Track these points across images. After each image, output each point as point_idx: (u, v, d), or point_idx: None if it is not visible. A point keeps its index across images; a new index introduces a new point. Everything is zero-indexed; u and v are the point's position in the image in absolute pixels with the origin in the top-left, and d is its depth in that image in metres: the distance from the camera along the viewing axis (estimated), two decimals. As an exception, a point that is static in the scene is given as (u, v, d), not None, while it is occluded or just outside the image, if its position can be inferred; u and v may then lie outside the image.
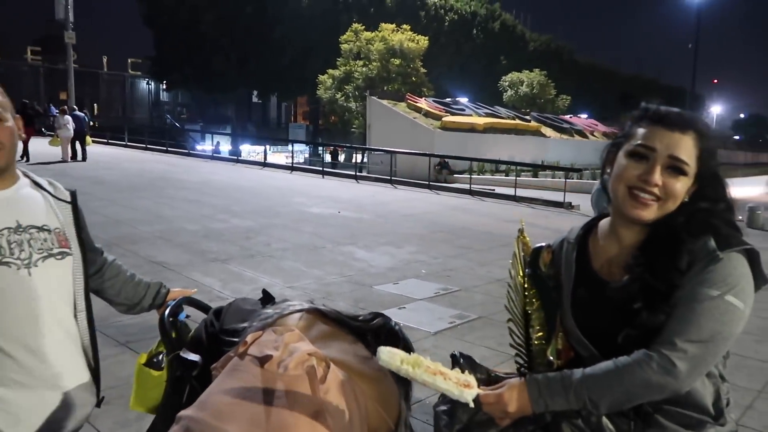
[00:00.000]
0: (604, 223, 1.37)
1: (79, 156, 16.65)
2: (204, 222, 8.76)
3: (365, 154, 22.21)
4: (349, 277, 6.17)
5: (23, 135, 1.58)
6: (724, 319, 1.15)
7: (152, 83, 49.60)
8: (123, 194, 11.08)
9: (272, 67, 34.29)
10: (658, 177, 1.22)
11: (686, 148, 1.22)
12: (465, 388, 1.19)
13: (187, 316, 1.78)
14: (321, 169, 19.16)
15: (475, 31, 42.95)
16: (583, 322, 1.32)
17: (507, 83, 34.62)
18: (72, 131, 16.55)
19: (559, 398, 1.17)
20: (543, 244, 1.48)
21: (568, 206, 12.86)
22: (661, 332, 1.16)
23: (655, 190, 1.22)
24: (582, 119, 33.30)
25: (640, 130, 1.25)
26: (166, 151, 22.89)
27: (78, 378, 1.56)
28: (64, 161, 16.11)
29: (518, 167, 17.39)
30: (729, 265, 1.17)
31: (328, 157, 27.29)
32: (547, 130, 27.51)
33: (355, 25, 29.52)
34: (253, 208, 10.37)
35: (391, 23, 29.32)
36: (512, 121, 25.86)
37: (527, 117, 28.02)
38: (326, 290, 5.67)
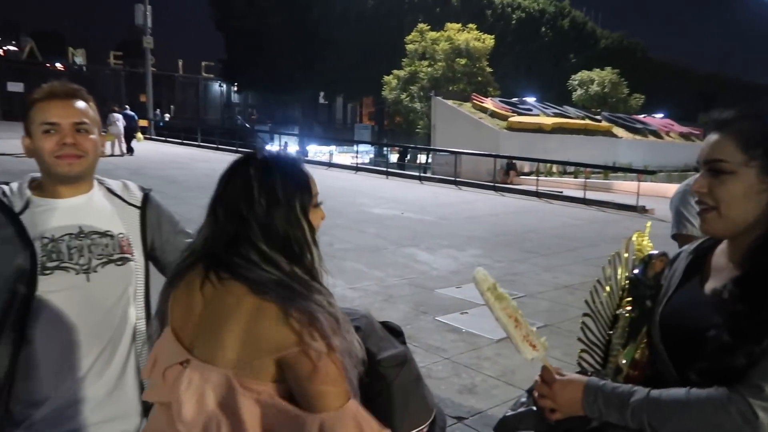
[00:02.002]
0: None
1: (128, 151, 18.75)
2: (269, 221, 8.94)
3: (429, 155, 22.10)
4: (411, 280, 6.11)
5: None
6: None
7: (224, 85, 51.33)
8: (193, 193, 11.47)
9: (338, 68, 34.72)
10: (698, 184, 1.11)
11: (723, 145, 1.10)
12: (530, 346, 1.19)
13: None
14: (385, 169, 19.20)
15: (543, 29, 41.90)
16: (668, 337, 1.20)
17: (576, 82, 33.59)
18: (122, 128, 18.47)
19: (614, 411, 1.10)
20: (658, 252, 1.38)
21: (642, 210, 12.29)
22: (749, 374, 1.01)
23: (704, 198, 1.12)
24: (657, 119, 31.85)
25: None
26: (236, 152, 23.58)
27: (129, 384, 1.57)
28: (112, 155, 17.44)
29: (588, 169, 16.81)
30: None
31: (392, 158, 27.38)
32: (618, 131, 26.49)
33: (420, 25, 29.43)
34: (317, 208, 10.51)
35: (457, 23, 29.04)
36: (582, 121, 25.05)
37: (598, 117, 27.07)
38: (387, 292, 5.63)
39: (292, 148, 26.86)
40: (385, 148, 29.79)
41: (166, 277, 1.62)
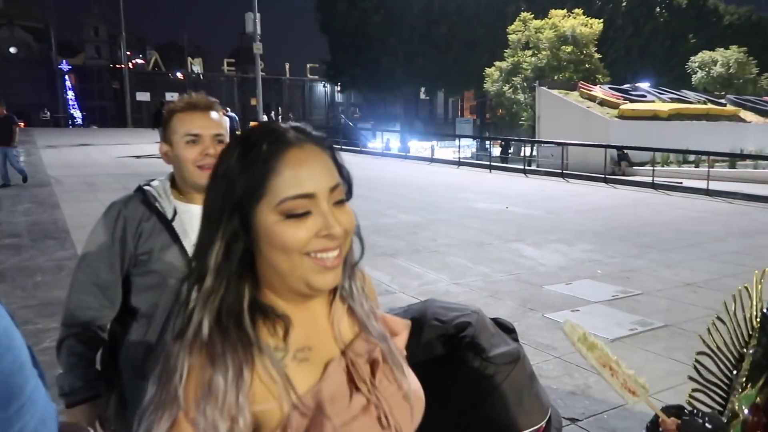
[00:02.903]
0: None
1: None
2: (373, 217, 9.07)
3: (534, 147, 21.43)
4: (517, 276, 5.95)
5: None
6: None
7: (328, 86, 52.91)
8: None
9: (438, 63, 34.60)
10: None
11: None
12: (629, 393, 1.14)
13: None
14: (488, 163, 18.85)
15: (657, 10, 39.16)
16: None
17: (696, 64, 31.04)
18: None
19: None
20: None
21: (775, 201, 11.14)
22: None
23: None
24: (793, 100, 28.75)
25: None
26: (341, 149, 23.80)
27: None
28: None
29: (711, 157, 15.48)
30: None
31: (495, 151, 26.83)
32: (747, 115, 24.16)
33: (523, 14, 28.57)
34: (420, 204, 10.52)
35: (562, 9, 27.89)
36: (703, 106, 23.13)
37: (722, 101, 24.86)
38: (493, 288, 5.52)
39: (394, 144, 27.11)
40: (487, 142, 29.31)
41: None
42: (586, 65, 26.24)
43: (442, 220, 8.94)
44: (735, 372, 1.18)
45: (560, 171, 15.74)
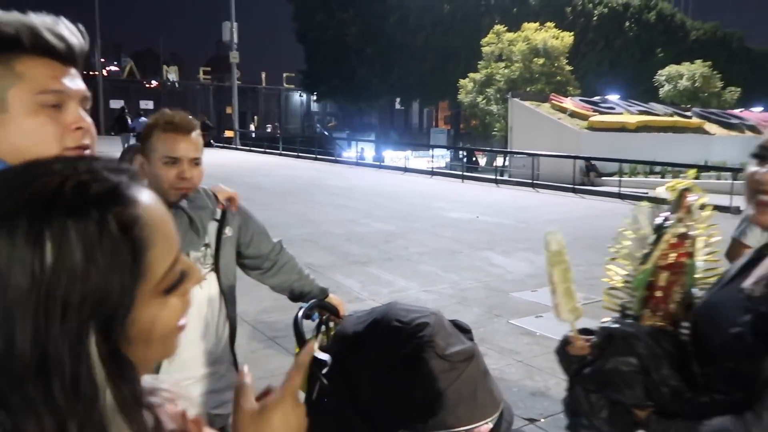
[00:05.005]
0: None
1: None
2: (348, 226, 9.20)
3: (507, 158, 21.80)
4: (486, 283, 6.12)
5: None
6: None
7: (304, 95, 52.94)
8: (278, 199, 11.98)
9: (414, 73, 34.95)
10: (763, 171, 1.05)
11: None
12: (567, 311, 1.26)
13: (327, 319, 1.97)
14: (461, 173, 19.14)
15: (627, 24, 40.16)
16: (698, 331, 1.18)
17: (664, 78, 31.92)
18: None
19: None
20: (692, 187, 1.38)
21: (736, 211, 11.56)
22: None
23: None
24: (756, 113, 29.68)
25: None
26: (315, 159, 24.32)
27: (223, 377, 1.85)
28: None
29: (676, 168, 15.98)
30: None
31: (481, 162, 27.22)
32: (711, 127, 24.93)
33: (497, 27, 29.08)
34: (394, 213, 10.68)
35: (534, 22, 28.47)
36: (670, 119, 23.80)
37: (688, 113, 25.61)
38: (461, 295, 5.68)
39: (369, 153, 27.29)
40: (460, 152, 29.67)
41: None
42: (558, 77, 26.79)
43: (415, 229, 9.11)
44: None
45: (531, 181, 16.06)
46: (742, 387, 1.00)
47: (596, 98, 25.05)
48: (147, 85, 49.86)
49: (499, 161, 23.42)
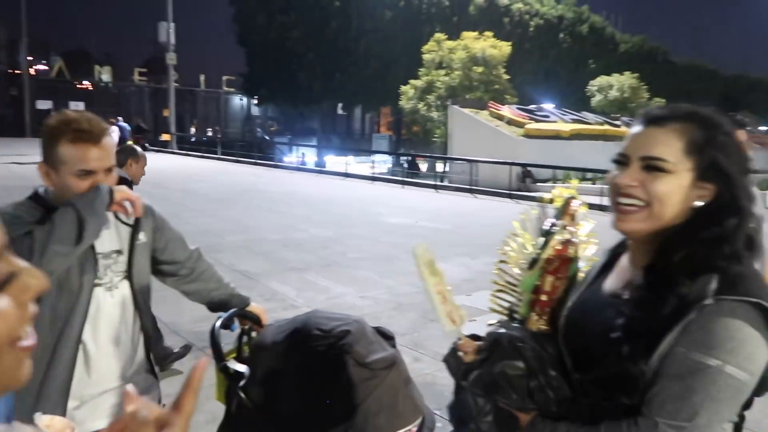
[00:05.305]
0: None
1: None
2: (285, 232, 9.08)
3: (447, 164, 22.13)
4: (422, 288, 6.16)
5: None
6: (721, 396, 0.94)
7: (244, 99, 52.09)
8: (212, 205, 11.70)
9: (356, 79, 35.03)
10: (629, 178, 1.06)
11: (666, 143, 1.04)
12: (450, 321, 1.25)
13: (244, 329, 1.91)
14: (401, 179, 19.29)
15: (561, 35, 41.75)
16: (569, 336, 1.19)
17: (595, 88, 33.32)
18: (116, 139, 21.24)
19: None
20: (575, 199, 1.42)
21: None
22: (649, 401, 0.98)
23: (635, 192, 1.05)
24: (679, 123, 31.38)
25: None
26: (255, 164, 23.93)
27: (141, 382, 1.78)
28: None
29: (606, 175, 16.65)
30: (731, 323, 0.94)
31: (423, 167, 27.42)
32: (639, 136, 26.16)
33: (437, 35, 29.57)
34: (333, 218, 10.63)
35: (474, 31, 29.12)
36: (601, 127, 24.82)
37: (617, 122, 26.79)
38: (397, 301, 5.70)
39: (311, 158, 27.11)
40: (402, 158, 29.90)
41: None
42: (496, 86, 27.47)
43: (353, 235, 9.09)
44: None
45: (469, 187, 16.37)
46: (623, 392, 1.01)
47: (532, 106, 25.82)
48: (78, 86, 47.74)
49: (440, 167, 23.74)
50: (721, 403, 0.95)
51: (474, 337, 1.27)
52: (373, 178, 19.62)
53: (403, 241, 8.63)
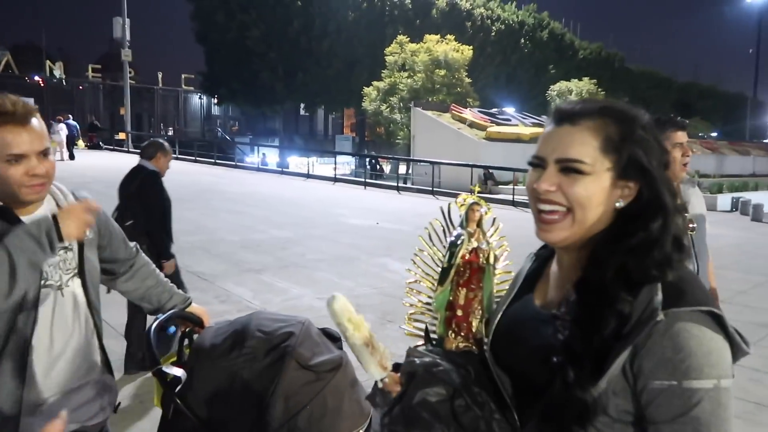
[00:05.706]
0: None
1: (70, 157, 21.16)
2: (243, 233, 8.87)
3: (409, 166, 22.18)
4: (381, 289, 6.09)
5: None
6: (728, 414, 0.86)
7: (204, 98, 51.16)
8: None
9: (318, 79, 34.78)
10: (546, 183, 0.96)
11: (579, 142, 0.95)
12: (381, 368, 1.14)
13: (185, 331, 1.80)
14: (363, 180, 19.21)
15: (522, 41, 42.43)
16: (504, 354, 1.08)
17: (555, 93, 34.01)
18: (64, 137, 20.85)
19: None
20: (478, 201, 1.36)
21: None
22: None
23: (554, 197, 0.96)
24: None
25: None
26: (215, 164, 23.48)
27: (98, 383, 1.69)
28: (62, 160, 19.60)
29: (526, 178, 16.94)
30: (700, 336, 0.86)
31: (386, 169, 27.43)
32: (596, 140, 26.78)
33: (400, 37, 29.63)
34: (293, 219, 10.46)
35: (436, 34, 29.30)
36: (560, 131, 25.38)
37: (576, 127, 27.42)
38: (356, 302, 5.58)
39: (273, 159, 26.78)
40: (365, 159, 29.85)
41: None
42: (458, 89, 27.68)
43: (313, 236, 8.95)
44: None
45: (431, 188, 16.41)
46: (577, 423, 0.90)
47: (494, 110, 26.16)
48: (28, 81, 46.00)
49: (402, 169, 23.76)
50: (729, 420, 0.86)
51: (397, 367, 1.16)
52: (335, 179, 19.48)
53: (364, 243, 8.54)
